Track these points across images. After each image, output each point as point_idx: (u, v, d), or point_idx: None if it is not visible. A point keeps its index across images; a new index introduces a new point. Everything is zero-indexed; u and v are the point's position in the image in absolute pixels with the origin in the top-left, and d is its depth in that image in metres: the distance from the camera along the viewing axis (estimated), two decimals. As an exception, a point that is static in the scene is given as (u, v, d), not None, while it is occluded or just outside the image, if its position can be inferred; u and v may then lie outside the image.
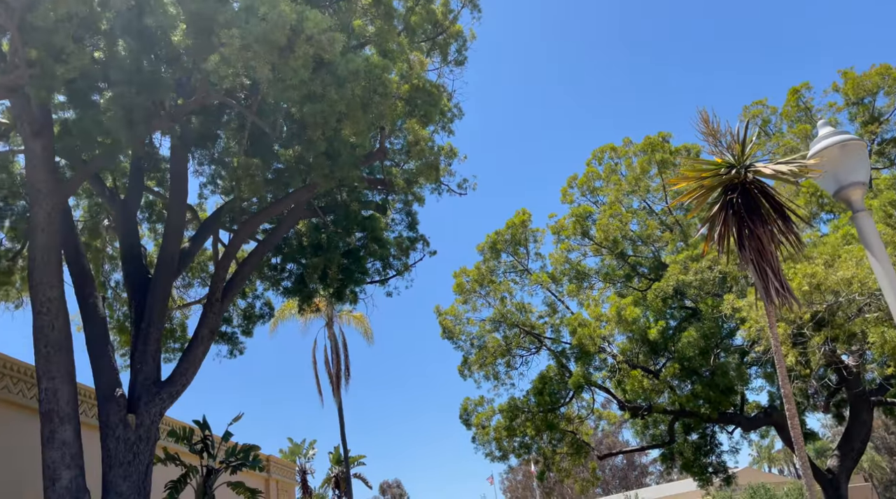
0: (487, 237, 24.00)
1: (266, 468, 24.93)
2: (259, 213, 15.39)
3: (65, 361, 11.28)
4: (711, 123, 8.05)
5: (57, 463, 10.52)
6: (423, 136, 14.42)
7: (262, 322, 20.91)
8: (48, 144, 11.82)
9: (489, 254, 23.86)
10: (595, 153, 24.37)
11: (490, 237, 23.94)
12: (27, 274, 16.13)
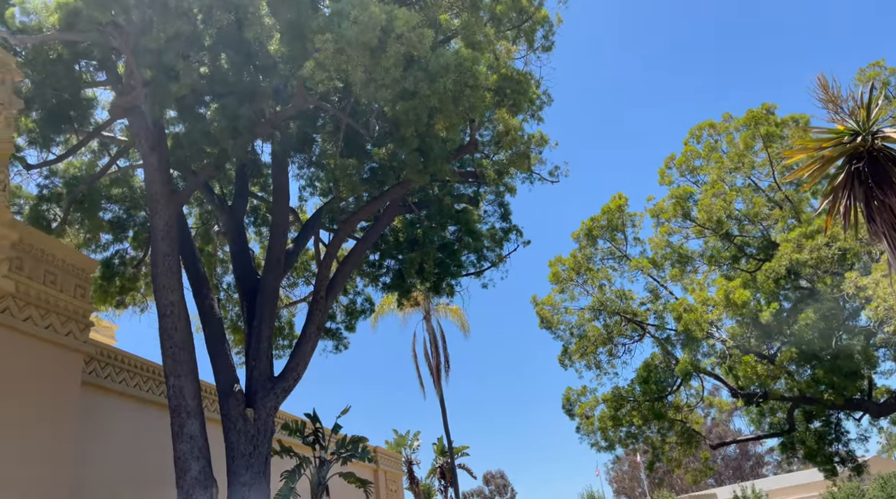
0: (583, 224, 23.53)
1: (374, 459, 25.67)
2: (357, 212, 15.80)
3: (188, 360, 12.05)
4: (831, 89, 7.45)
5: (186, 455, 11.26)
6: (514, 125, 14.30)
7: (364, 317, 21.54)
8: (163, 157, 12.63)
9: (585, 241, 23.39)
10: (693, 131, 23.31)
11: (585, 224, 23.46)
12: (151, 280, 17.38)
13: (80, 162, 16.14)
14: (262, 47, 11.33)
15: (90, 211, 15.75)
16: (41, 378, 11.16)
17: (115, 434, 14.06)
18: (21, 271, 11.23)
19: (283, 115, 12.70)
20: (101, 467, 13.30)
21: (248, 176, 16.75)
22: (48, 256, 12.06)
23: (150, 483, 14.39)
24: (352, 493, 18.50)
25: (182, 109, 12.82)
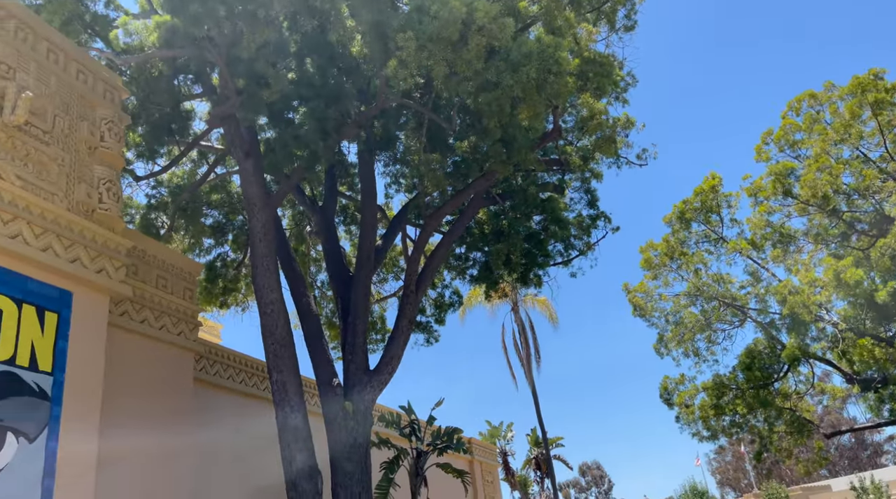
0: (675, 207, 22.67)
1: (469, 450, 25.87)
2: (442, 206, 15.92)
3: (290, 356, 12.57)
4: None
5: (292, 447, 11.77)
6: (598, 109, 13.96)
7: (453, 310, 21.73)
8: (258, 162, 13.19)
9: (678, 225, 22.52)
10: (791, 104, 21.93)
11: (678, 207, 22.58)
12: (251, 280, 18.23)
13: (182, 171, 17.11)
14: (345, 49, 11.60)
15: (193, 217, 16.69)
16: (159, 376, 11.93)
17: (224, 427, 14.85)
18: (136, 277, 12.04)
19: (367, 114, 12.96)
20: (214, 458, 14.09)
21: (336, 176, 17.23)
22: (159, 261, 12.86)
23: (257, 473, 15.13)
24: (449, 483, 18.75)
25: (272, 116, 13.33)
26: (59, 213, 9.48)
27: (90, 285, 9.95)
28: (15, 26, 9.78)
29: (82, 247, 9.86)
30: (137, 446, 10.89)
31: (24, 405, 8.59)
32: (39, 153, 9.55)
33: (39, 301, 9.14)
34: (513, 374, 31.62)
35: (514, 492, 30.21)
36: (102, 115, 10.98)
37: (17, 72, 9.55)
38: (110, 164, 10.91)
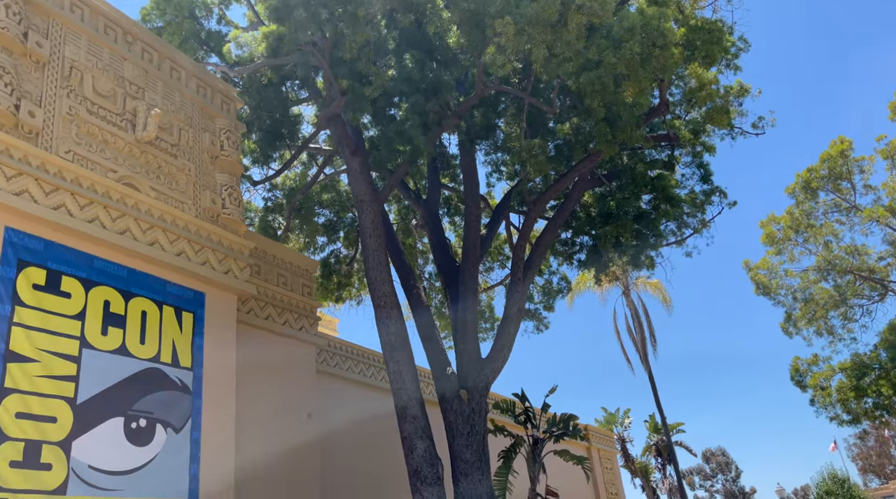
0: (798, 177, 21.11)
1: (586, 437, 25.53)
2: (546, 191, 15.70)
3: (404, 346, 12.88)
4: None
5: (412, 435, 12.07)
6: (708, 78, 13.23)
7: (561, 296, 21.43)
8: (364, 160, 13.57)
9: (803, 195, 20.97)
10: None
11: (802, 176, 21.01)
12: (363, 275, 18.82)
13: (294, 174, 17.92)
14: (441, 41, 11.67)
15: (307, 217, 17.45)
16: (284, 368, 12.61)
17: (344, 416, 15.49)
18: (259, 276, 12.76)
19: (466, 104, 12.99)
20: (338, 444, 14.73)
21: (438, 169, 17.41)
22: (278, 260, 13.56)
23: (379, 459, 15.67)
24: (567, 470, 18.58)
25: (375, 113, 13.66)
26: (188, 219, 10.21)
27: (219, 286, 10.65)
28: (141, 49, 10.58)
29: (211, 250, 10.57)
30: (269, 433, 11.57)
31: (170, 399, 9.35)
32: (169, 165, 10.31)
33: (177, 302, 9.90)
34: (627, 359, 30.82)
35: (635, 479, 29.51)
36: (221, 125, 11.69)
37: (145, 91, 10.35)
38: (230, 171, 11.61)
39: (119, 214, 9.17)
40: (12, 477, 7.16)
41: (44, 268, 8.18)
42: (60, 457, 7.68)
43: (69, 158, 8.79)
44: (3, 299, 7.62)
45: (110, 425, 8.38)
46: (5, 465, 7.13)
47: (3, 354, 7.45)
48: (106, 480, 8.11)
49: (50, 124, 8.71)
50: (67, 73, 9.20)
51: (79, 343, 8.29)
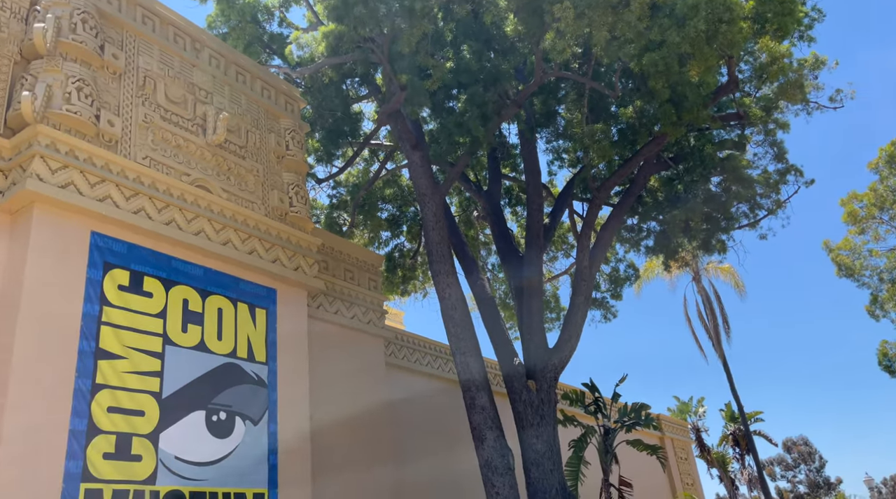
0: (881, 151, 19.88)
1: (659, 427, 25.00)
2: (610, 177, 15.40)
3: (470, 338, 12.93)
4: None
5: (481, 425, 12.12)
6: (780, 52, 12.63)
7: (629, 284, 21.00)
8: (424, 154, 13.64)
9: (888, 170, 19.77)
10: None
11: (886, 150, 19.79)
12: (427, 267, 18.97)
13: (357, 170, 18.20)
14: (499, 31, 11.59)
15: (370, 213, 17.71)
16: (354, 360, 12.86)
17: (413, 407, 15.67)
18: (327, 271, 13.04)
19: (525, 92, 12.86)
20: (409, 434, 14.93)
21: (499, 159, 17.33)
22: (345, 256, 13.82)
23: (448, 448, 15.79)
24: (640, 461, 18.24)
25: (434, 106, 13.71)
26: (258, 219, 10.52)
27: (290, 282, 10.95)
28: (209, 55, 10.95)
29: (280, 248, 10.87)
30: (341, 424, 11.83)
31: (247, 393, 9.69)
32: (238, 166, 10.65)
33: (251, 299, 10.24)
34: (700, 347, 29.94)
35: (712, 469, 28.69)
36: (286, 125, 11.98)
37: (213, 96, 10.71)
38: (296, 170, 11.89)
39: (194, 216, 9.54)
40: (106, 468, 7.59)
41: (127, 269, 8.61)
42: (149, 449, 8.08)
43: (146, 164, 9.19)
44: (92, 300, 8.06)
45: (193, 418, 8.75)
46: (99, 457, 7.57)
47: (93, 351, 7.89)
48: (191, 470, 8.49)
49: (128, 132, 9.13)
50: (142, 83, 9.62)
51: (162, 340, 8.69)
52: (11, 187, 7.84)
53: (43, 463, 7.04)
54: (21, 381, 7.11)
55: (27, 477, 6.86)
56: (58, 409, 7.33)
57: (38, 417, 7.14)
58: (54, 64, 8.49)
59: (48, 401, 7.28)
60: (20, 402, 7.04)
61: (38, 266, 7.63)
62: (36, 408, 7.15)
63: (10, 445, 6.82)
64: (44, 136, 7.94)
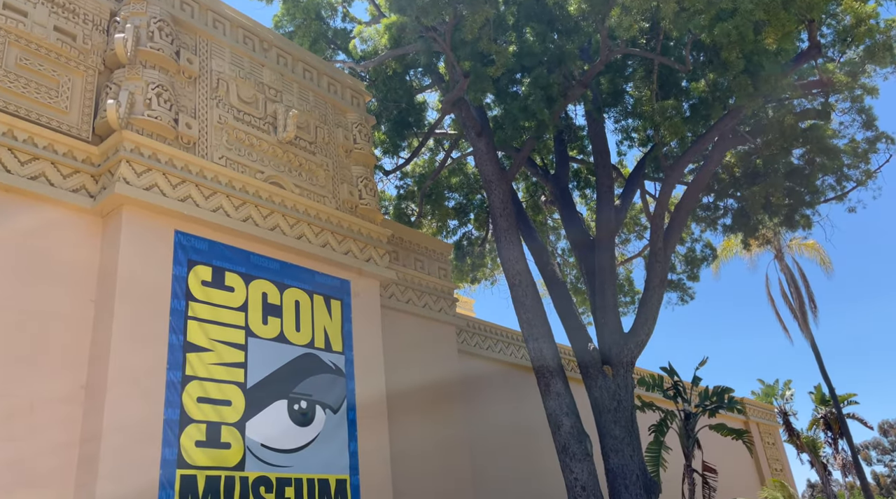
0: (982, 112, 18.37)
1: (743, 411, 24.18)
2: (683, 155, 14.86)
3: (542, 324, 12.82)
4: None
5: (557, 412, 12.02)
6: (865, 13, 11.84)
7: (706, 264, 20.31)
8: (489, 140, 13.56)
9: None
10: None
11: None
12: (496, 254, 18.92)
13: (423, 161, 18.31)
14: (562, 11, 11.36)
15: (437, 202, 17.79)
16: (427, 349, 13.01)
17: (487, 394, 15.72)
18: (397, 262, 13.21)
19: (592, 72, 12.57)
20: (484, 421, 14.99)
21: (566, 142, 17.03)
22: (414, 245, 13.96)
23: (524, 437, 15.76)
24: (724, 446, 17.70)
25: (498, 92, 13.59)
26: (330, 212, 10.76)
27: (362, 273, 11.15)
28: (276, 54, 11.23)
29: (352, 240, 11.08)
30: (417, 410, 12.00)
31: (326, 382, 9.96)
32: (309, 162, 10.90)
33: (326, 291, 10.50)
34: (784, 328, 28.60)
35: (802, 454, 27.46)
36: (352, 119, 12.17)
37: (282, 94, 10.98)
38: (364, 163, 12.08)
39: (269, 212, 9.84)
40: (198, 455, 7.97)
41: (209, 265, 8.98)
42: (237, 437, 8.44)
43: (222, 163, 9.54)
44: (178, 296, 8.46)
45: (276, 407, 9.07)
46: (192, 444, 7.96)
47: (182, 345, 8.29)
48: (277, 457, 8.82)
49: (204, 133, 9.49)
50: (215, 85, 9.97)
51: (244, 332, 9.03)
52: (102, 192, 8.30)
53: (141, 451, 7.47)
54: (118, 374, 7.56)
55: (128, 465, 7.29)
56: (152, 400, 7.75)
57: (136, 408, 7.58)
58: (135, 72, 8.90)
59: (143, 393, 7.70)
60: (119, 394, 7.48)
61: (128, 265, 8.06)
62: (133, 400, 7.59)
63: (110, 435, 7.26)
64: (128, 141, 8.36)
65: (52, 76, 8.49)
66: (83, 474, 7.21)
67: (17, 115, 7.98)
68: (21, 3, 8.49)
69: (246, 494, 8.26)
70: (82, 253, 8.17)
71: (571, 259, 20.76)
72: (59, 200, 8.05)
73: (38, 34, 8.48)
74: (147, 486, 7.36)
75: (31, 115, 8.13)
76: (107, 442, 7.19)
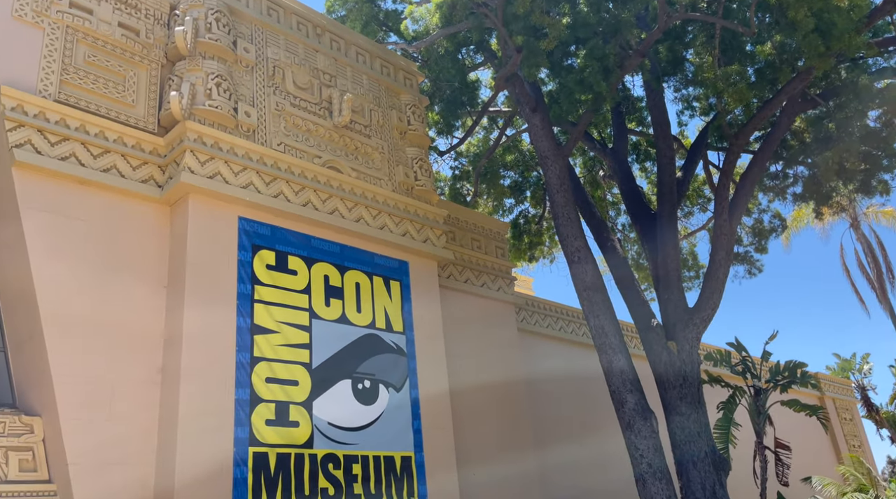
0: None
1: (818, 386, 23.32)
2: (748, 122, 14.26)
3: (603, 300, 12.61)
4: None
5: (620, 389, 11.86)
6: (948, -41, 10.97)
7: (775, 236, 19.56)
8: (544, 116, 13.34)
9: None
10: None
11: None
12: (553, 232, 18.70)
13: (477, 140, 18.20)
14: (616, -23, 11.00)
15: (493, 181, 17.69)
16: (487, 328, 13.03)
17: (549, 372, 15.64)
18: (454, 242, 13.23)
19: (649, 40, 12.15)
20: (546, 402, 14.95)
21: (623, 114, 16.61)
22: (470, 225, 13.94)
23: (588, 414, 15.64)
24: (797, 422, 17.14)
25: (552, 66, 13.33)
26: (387, 194, 10.84)
27: (420, 254, 11.23)
28: (329, 39, 11.32)
29: (409, 221, 11.15)
30: (479, 389, 12.07)
31: (388, 361, 10.13)
32: (364, 145, 10.99)
33: (385, 272, 10.63)
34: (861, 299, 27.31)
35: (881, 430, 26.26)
36: (406, 101, 12.18)
37: (336, 78, 11.08)
38: (419, 144, 12.10)
39: (327, 196, 9.99)
40: (269, 434, 8.26)
41: (273, 250, 9.21)
42: (305, 415, 8.69)
43: (281, 150, 9.73)
44: (244, 280, 8.72)
45: (341, 386, 9.29)
46: (262, 423, 8.24)
47: (249, 327, 8.56)
48: (343, 435, 9.05)
49: (263, 121, 9.69)
50: (272, 73, 10.14)
51: (308, 314, 9.26)
52: (169, 181, 8.61)
53: (215, 430, 7.78)
54: (191, 357, 7.87)
55: (203, 443, 7.62)
56: (224, 381, 8.05)
57: (209, 389, 7.89)
58: (195, 63, 9.15)
59: (215, 374, 8.01)
60: (192, 376, 7.80)
61: (196, 252, 8.36)
62: (206, 381, 7.90)
63: (186, 415, 7.59)
64: (191, 131, 8.61)
65: (118, 71, 8.81)
66: (163, 452, 7.59)
67: (89, 110, 8.34)
68: (86, 1, 8.82)
69: (315, 470, 8.51)
70: (153, 241, 8.52)
71: (632, 235, 20.33)
72: (130, 191, 8.39)
73: (103, 31, 8.81)
74: (222, 463, 7.68)
75: (102, 110, 8.48)
76: (183, 422, 7.53)
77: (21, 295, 7.61)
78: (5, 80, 7.77)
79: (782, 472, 13.48)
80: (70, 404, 7.16)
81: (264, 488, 7.96)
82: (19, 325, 7.71)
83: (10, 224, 7.67)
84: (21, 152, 7.56)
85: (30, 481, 7.04)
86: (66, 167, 7.85)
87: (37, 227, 7.54)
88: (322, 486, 8.52)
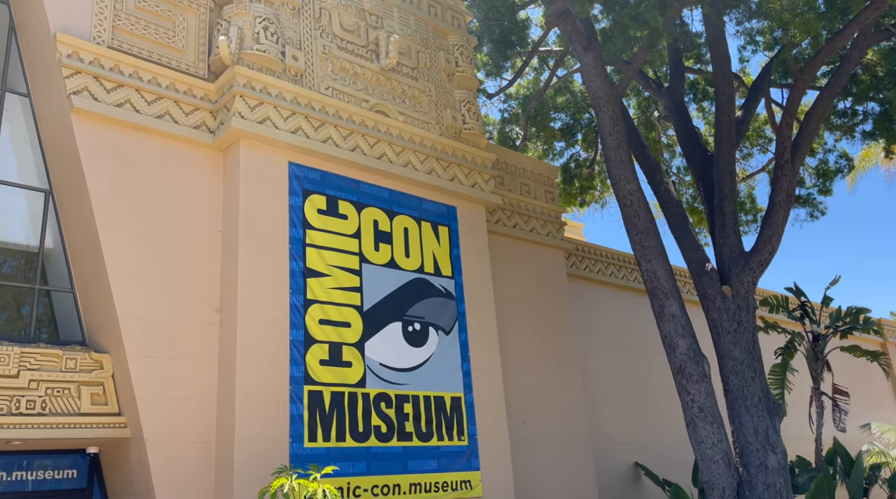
0: None
1: (880, 332, 22.59)
2: (815, 56, 13.43)
3: (655, 245, 12.35)
4: None
5: (672, 333, 11.71)
6: None
7: (840, 177, 18.67)
8: (597, 54, 12.85)
9: None
10: None
11: None
12: (605, 176, 18.29)
13: (527, 81, 17.74)
14: None
15: (543, 124, 17.29)
16: (535, 273, 12.98)
17: (600, 317, 15.56)
18: (503, 186, 13.09)
19: (710, -31, 11.46)
20: (596, 345, 14.93)
21: (681, 51, 15.85)
22: (520, 169, 13.74)
23: (639, 360, 15.58)
24: (857, 368, 16.74)
25: (606, 1, 12.75)
26: (434, 139, 10.74)
27: (468, 199, 11.16)
28: (374, -21, 11.07)
29: (457, 166, 11.06)
30: (527, 333, 12.13)
31: (437, 305, 10.23)
32: (412, 89, 10.85)
33: (433, 218, 10.63)
34: (930, 245, 26.14)
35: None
36: (454, 41, 11.90)
37: (383, 20, 10.88)
38: (466, 86, 11.87)
39: (375, 141, 9.97)
40: (323, 373, 8.52)
41: (323, 194, 9.31)
42: (357, 356, 8.92)
43: (329, 94, 9.70)
44: (296, 224, 8.86)
45: (391, 328, 9.47)
46: (316, 363, 8.50)
47: (302, 271, 8.74)
48: (394, 375, 9.27)
49: (310, 65, 9.65)
50: (318, 15, 10.02)
51: (358, 259, 9.38)
52: (220, 127, 8.71)
53: (272, 368, 8.07)
54: (247, 299, 8.12)
55: (260, 383, 7.92)
56: (279, 321, 8.30)
57: (264, 329, 8.15)
58: (242, 6, 9.11)
59: (271, 315, 8.25)
60: (249, 316, 8.06)
61: (249, 197, 8.51)
62: (262, 321, 8.16)
63: (244, 353, 7.88)
64: (241, 76, 8.65)
65: (168, 16, 8.85)
66: (223, 387, 7.93)
67: (141, 56, 8.44)
68: (134, -52, 8.82)
69: (368, 408, 8.78)
70: (207, 186, 8.70)
71: (687, 177, 19.71)
72: (183, 137, 8.54)
73: (151, -23, 8.82)
74: (279, 400, 7.99)
75: (153, 56, 8.57)
76: (241, 359, 7.83)
77: (86, 240, 7.93)
78: (60, 27, 7.90)
79: (839, 418, 13.25)
80: (135, 342, 7.52)
81: (319, 424, 8.26)
82: (86, 268, 8.07)
83: (73, 171, 7.94)
84: (78, 99, 7.74)
85: (101, 414, 7.50)
86: (121, 114, 8.02)
87: (98, 173, 7.79)
88: (375, 424, 8.79)
